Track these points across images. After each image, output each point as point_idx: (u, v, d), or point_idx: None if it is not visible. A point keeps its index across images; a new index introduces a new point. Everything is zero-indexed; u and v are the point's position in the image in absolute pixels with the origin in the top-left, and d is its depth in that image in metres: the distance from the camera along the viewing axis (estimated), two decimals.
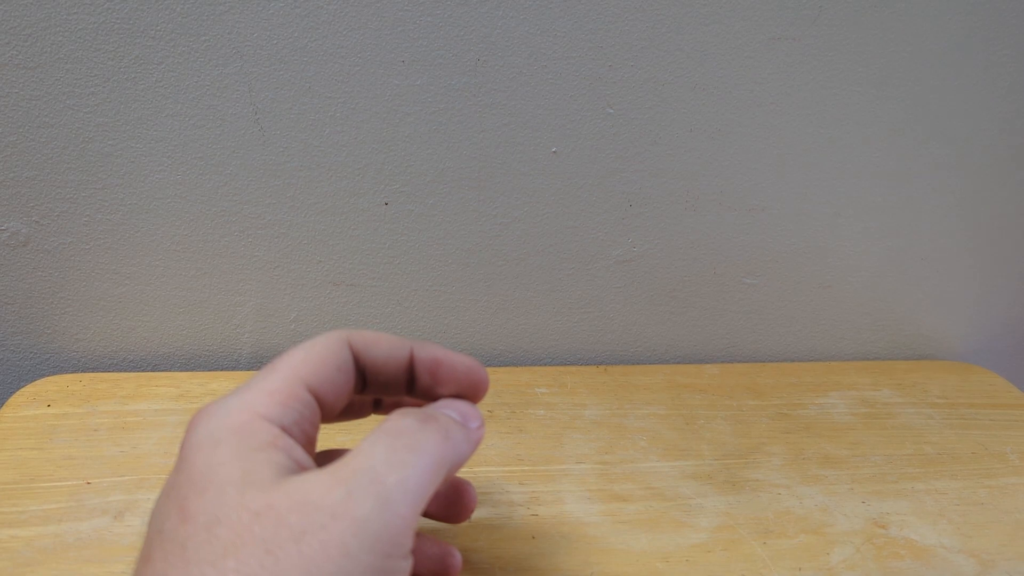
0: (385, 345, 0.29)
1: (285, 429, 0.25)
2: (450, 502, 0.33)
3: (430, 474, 0.25)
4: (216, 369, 0.54)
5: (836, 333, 0.59)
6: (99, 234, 0.48)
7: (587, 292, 0.55)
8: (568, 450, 0.48)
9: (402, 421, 0.26)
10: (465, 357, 0.31)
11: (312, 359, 0.27)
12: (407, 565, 0.23)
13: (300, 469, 0.24)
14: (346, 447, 0.32)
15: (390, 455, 0.24)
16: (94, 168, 0.46)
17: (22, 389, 0.48)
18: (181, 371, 0.53)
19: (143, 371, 0.53)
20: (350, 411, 0.33)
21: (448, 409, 0.29)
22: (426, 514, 0.33)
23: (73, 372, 0.52)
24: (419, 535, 0.30)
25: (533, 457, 0.47)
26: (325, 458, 0.29)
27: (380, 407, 0.34)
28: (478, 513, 0.42)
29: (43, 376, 0.50)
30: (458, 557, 0.32)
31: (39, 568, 0.37)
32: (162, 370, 0.53)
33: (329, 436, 0.43)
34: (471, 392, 0.31)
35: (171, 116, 0.45)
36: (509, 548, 0.38)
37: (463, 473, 0.44)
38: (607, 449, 0.48)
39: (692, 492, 0.45)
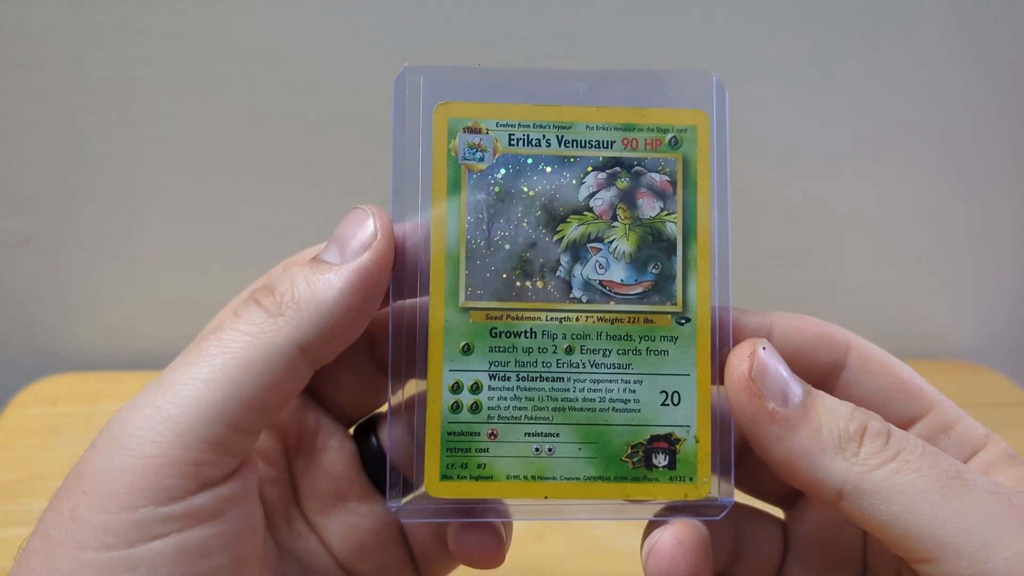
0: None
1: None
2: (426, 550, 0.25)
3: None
4: None
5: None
6: (99, 234, 0.48)
7: None
8: None
9: None
10: None
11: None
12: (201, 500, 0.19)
13: None
14: None
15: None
16: (94, 168, 0.46)
17: (26, 388, 0.48)
18: None
19: (146, 370, 0.52)
20: None
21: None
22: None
23: (76, 371, 0.51)
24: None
25: None
26: None
27: None
28: None
29: (46, 375, 0.50)
30: None
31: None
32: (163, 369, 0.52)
33: None
34: None
35: (171, 116, 0.45)
36: (516, 550, 0.38)
37: None
38: None
39: None
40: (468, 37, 0.44)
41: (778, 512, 0.25)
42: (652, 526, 0.22)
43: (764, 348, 0.21)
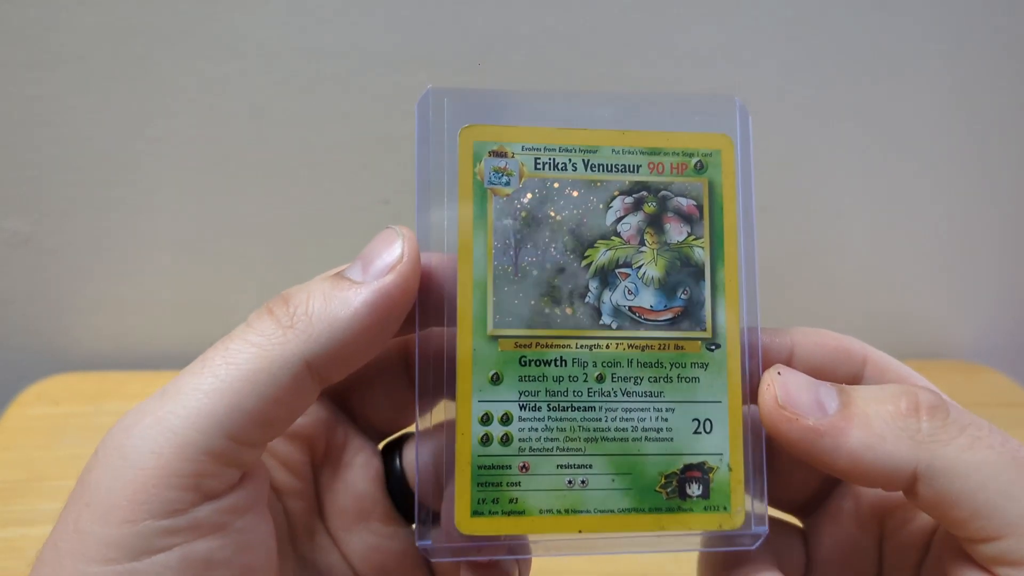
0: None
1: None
2: None
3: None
4: None
5: (841, 333, 0.58)
6: (99, 234, 0.48)
7: None
8: None
9: None
10: None
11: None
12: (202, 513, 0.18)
13: None
14: None
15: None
16: (94, 168, 0.46)
17: (29, 388, 0.48)
18: None
19: (148, 370, 0.52)
20: None
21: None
22: None
23: (78, 371, 0.51)
24: None
25: None
26: None
27: None
28: None
29: (48, 375, 0.50)
30: None
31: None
32: (166, 369, 0.52)
33: None
34: None
35: (171, 116, 0.45)
36: None
37: None
38: None
39: None
40: (468, 36, 0.44)
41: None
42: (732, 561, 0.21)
43: (779, 373, 0.21)
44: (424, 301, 0.21)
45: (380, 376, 0.23)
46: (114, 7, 0.42)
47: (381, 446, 0.24)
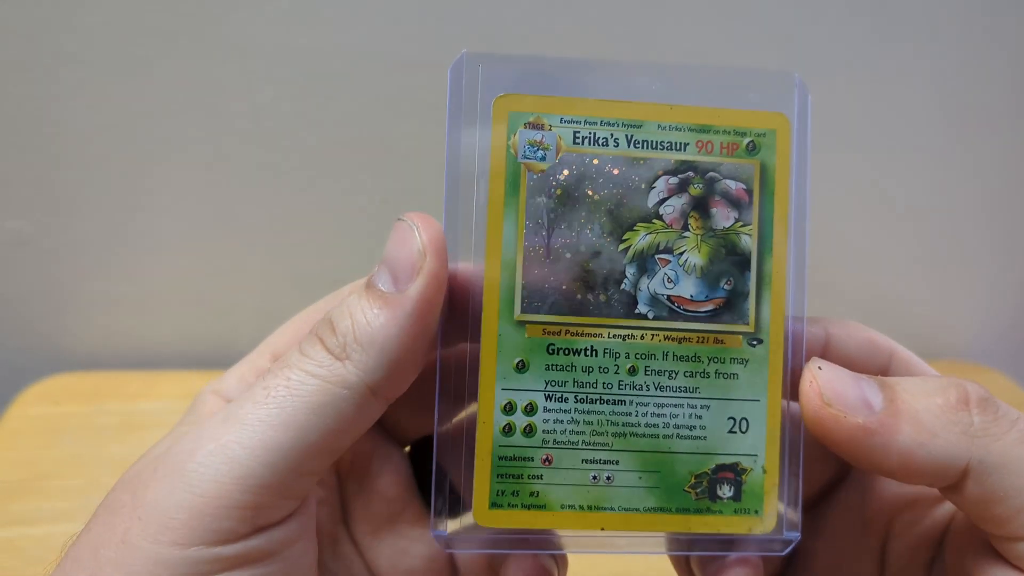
0: None
1: None
2: None
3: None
4: (220, 369, 0.53)
5: None
6: (99, 234, 0.47)
7: None
8: None
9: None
10: None
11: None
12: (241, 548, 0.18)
13: None
14: None
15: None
16: (94, 168, 0.45)
17: (29, 388, 0.48)
18: (186, 370, 0.52)
19: (148, 370, 0.52)
20: None
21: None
22: None
23: (78, 371, 0.51)
24: None
25: None
26: None
27: None
28: None
29: (48, 375, 0.50)
30: None
31: (48, 567, 0.37)
32: (167, 369, 0.52)
33: None
34: None
35: (171, 116, 0.44)
36: None
37: None
38: None
39: None
40: (469, 37, 0.43)
41: None
42: (708, 559, 0.20)
43: (820, 368, 0.19)
44: (450, 285, 0.20)
45: None
46: (114, 7, 0.41)
47: (409, 448, 0.24)
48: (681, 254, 0.21)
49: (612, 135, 0.21)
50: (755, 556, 0.20)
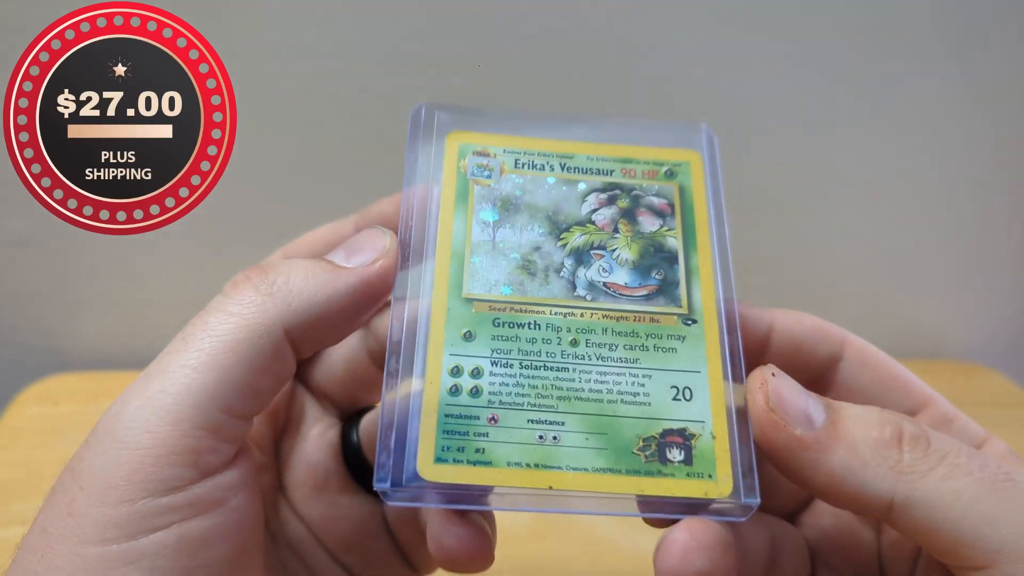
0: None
1: None
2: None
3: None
4: None
5: None
6: (99, 234, 0.48)
7: None
8: None
9: None
10: None
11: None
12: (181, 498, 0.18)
13: None
14: None
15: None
16: None
17: (29, 387, 0.47)
18: None
19: None
20: None
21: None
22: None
23: (78, 371, 0.50)
24: None
25: None
26: None
27: None
28: None
29: (48, 375, 0.49)
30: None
31: None
32: None
33: None
34: None
35: None
36: (517, 549, 0.37)
37: None
38: None
39: None
40: (469, 37, 0.45)
41: None
42: (667, 525, 0.19)
43: (773, 374, 0.20)
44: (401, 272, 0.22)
45: (342, 352, 0.23)
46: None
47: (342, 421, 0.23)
48: (614, 251, 0.23)
49: (548, 162, 0.24)
50: (715, 520, 0.19)
